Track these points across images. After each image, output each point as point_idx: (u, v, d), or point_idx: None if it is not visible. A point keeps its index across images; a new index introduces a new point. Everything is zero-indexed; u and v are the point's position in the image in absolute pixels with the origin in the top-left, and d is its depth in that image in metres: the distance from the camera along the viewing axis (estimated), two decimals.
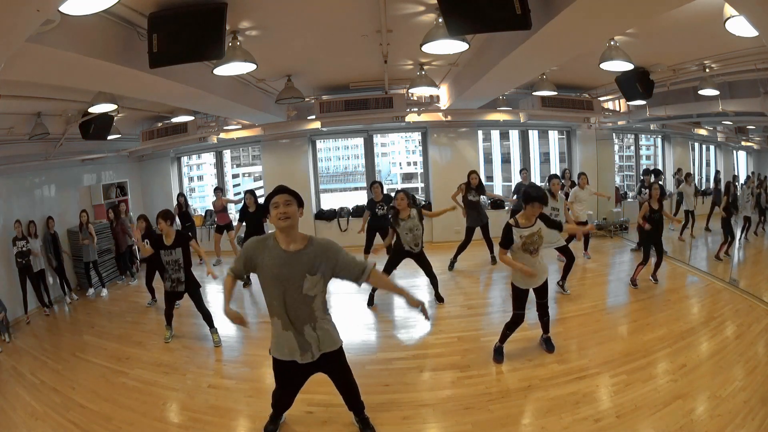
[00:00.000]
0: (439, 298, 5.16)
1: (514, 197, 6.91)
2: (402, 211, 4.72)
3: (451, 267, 6.54)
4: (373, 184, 6.47)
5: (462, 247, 6.50)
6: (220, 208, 7.76)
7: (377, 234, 6.39)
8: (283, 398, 2.79)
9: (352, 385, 2.78)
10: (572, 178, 7.68)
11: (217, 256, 7.85)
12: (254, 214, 6.40)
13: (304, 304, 2.34)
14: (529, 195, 3.37)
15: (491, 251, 6.61)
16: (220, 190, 8.00)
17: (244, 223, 6.46)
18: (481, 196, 6.50)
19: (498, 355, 3.77)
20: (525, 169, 7.76)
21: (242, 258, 2.37)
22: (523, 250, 3.43)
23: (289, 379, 2.63)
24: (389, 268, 4.99)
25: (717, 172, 7.40)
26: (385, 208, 6.28)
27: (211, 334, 4.53)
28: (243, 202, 6.56)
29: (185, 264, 4.39)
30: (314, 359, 2.45)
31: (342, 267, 2.38)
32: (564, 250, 5.33)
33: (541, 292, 3.67)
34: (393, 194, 5.08)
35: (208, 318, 4.53)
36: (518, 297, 3.63)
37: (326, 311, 2.50)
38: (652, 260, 5.46)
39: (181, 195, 8.25)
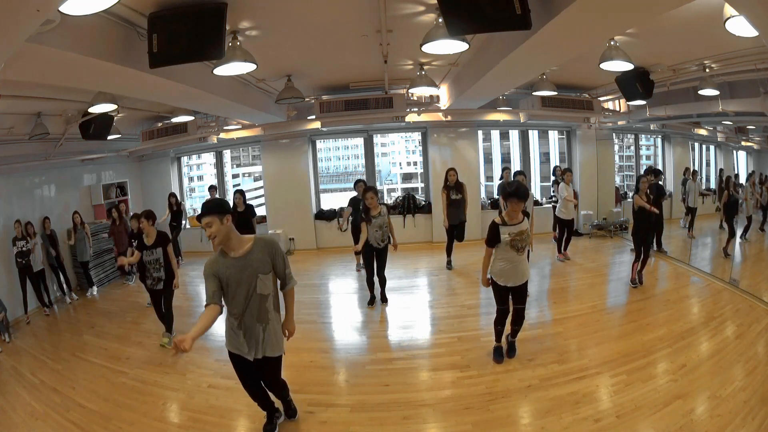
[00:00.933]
0: (383, 299, 5.28)
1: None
2: (373, 209, 4.86)
3: (449, 266, 6.54)
4: (357, 182, 6.38)
5: (448, 247, 6.55)
6: None
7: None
8: (249, 393, 2.82)
9: (280, 385, 2.89)
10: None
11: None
12: (243, 214, 6.41)
13: (259, 303, 2.49)
14: (505, 191, 3.43)
15: (449, 254, 6.56)
16: (214, 188, 7.92)
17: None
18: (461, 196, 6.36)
19: (497, 355, 3.77)
20: (507, 168, 7.39)
21: (209, 281, 2.42)
22: (511, 246, 3.40)
23: (242, 372, 2.69)
24: (370, 265, 5.11)
25: (721, 170, 7.38)
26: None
27: (163, 335, 4.57)
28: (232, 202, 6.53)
29: (165, 263, 4.44)
30: (256, 357, 2.54)
31: (277, 265, 2.54)
32: None
33: (519, 295, 3.60)
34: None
35: (169, 320, 4.60)
36: (497, 293, 3.63)
37: (277, 310, 2.62)
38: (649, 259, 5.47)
39: (172, 195, 8.16)
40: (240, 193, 6.57)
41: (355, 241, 6.53)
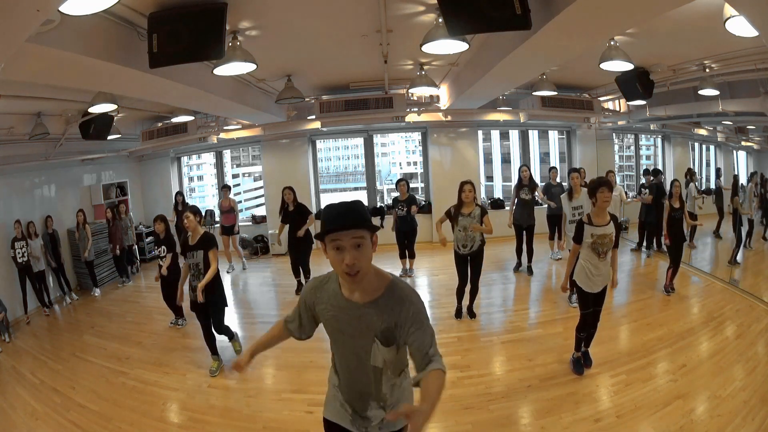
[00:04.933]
0: (470, 313, 4.69)
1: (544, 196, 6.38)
2: (467, 205, 4.24)
3: (517, 269, 6.31)
4: (399, 182, 6.06)
5: (519, 249, 6.19)
6: (227, 209, 7.36)
7: (406, 238, 6.20)
8: None
9: None
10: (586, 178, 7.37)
11: (229, 262, 7.37)
12: (294, 213, 5.66)
13: (372, 376, 1.61)
14: (593, 184, 3.22)
15: (529, 259, 6.16)
16: (228, 188, 7.52)
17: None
18: (535, 194, 6.08)
19: (578, 367, 3.50)
20: (555, 168, 6.77)
21: (300, 309, 1.70)
22: (591, 250, 3.23)
23: None
24: (459, 272, 4.55)
25: (718, 170, 7.36)
26: (405, 209, 5.96)
27: (231, 344, 4.18)
28: (282, 199, 5.77)
29: (205, 270, 3.77)
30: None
31: (404, 339, 1.50)
32: None
33: (599, 298, 3.41)
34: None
35: (228, 333, 4.11)
36: (583, 299, 3.41)
37: (403, 377, 1.69)
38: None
39: (179, 193, 8.10)
40: (290, 190, 5.68)
41: (399, 248, 6.21)
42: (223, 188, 7.59)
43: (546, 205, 6.43)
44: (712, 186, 7.42)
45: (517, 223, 6.10)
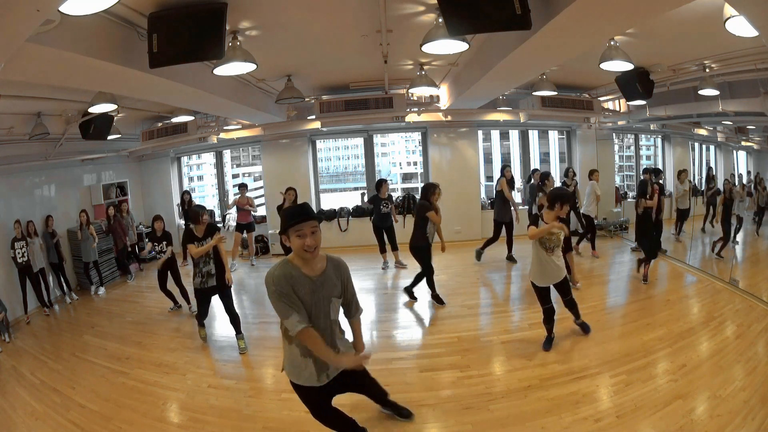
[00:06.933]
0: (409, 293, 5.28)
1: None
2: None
3: (478, 258, 6.77)
4: (383, 182, 6.52)
5: (490, 241, 6.70)
6: (244, 205, 7.44)
7: (386, 233, 6.55)
8: (331, 425, 2.57)
9: (373, 382, 2.77)
10: (575, 177, 7.39)
11: (232, 259, 7.34)
12: None
13: (328, 328, 2.20)
14: (559, 196, 3.62)
15: (509, 250, 6.74)
16: (244, 186, 7.61)
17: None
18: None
19: (547, 344, 3.93)
20: (537, 170, 7.42)
21: (292, 300, 2.05)
22: (540, 244, 3.64)
23: (317, 403, 2.44)
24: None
25: (709, 169, 7.39)
26: (390, 206, 6.38)
27: (236, 340, 4.34)
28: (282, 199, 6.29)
29: (215, 256, 4.24)
30: (330, 379, 2.28)
31: (349, 290, 2.30)
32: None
33: (563, 289, 3.81)
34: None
35: (235, 322, 4.33)
36: (540, 294, 3.80)
37: (341, 329, 2.37)
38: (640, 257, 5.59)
39: (186, 192, 8.19)
40: (293, 190, 6.27)
41: (379, 241, 6.62)
42: (241, 187, 7.59)
43: (528, 204, 6.99)
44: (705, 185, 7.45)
45: (496, 218, 6.62)
